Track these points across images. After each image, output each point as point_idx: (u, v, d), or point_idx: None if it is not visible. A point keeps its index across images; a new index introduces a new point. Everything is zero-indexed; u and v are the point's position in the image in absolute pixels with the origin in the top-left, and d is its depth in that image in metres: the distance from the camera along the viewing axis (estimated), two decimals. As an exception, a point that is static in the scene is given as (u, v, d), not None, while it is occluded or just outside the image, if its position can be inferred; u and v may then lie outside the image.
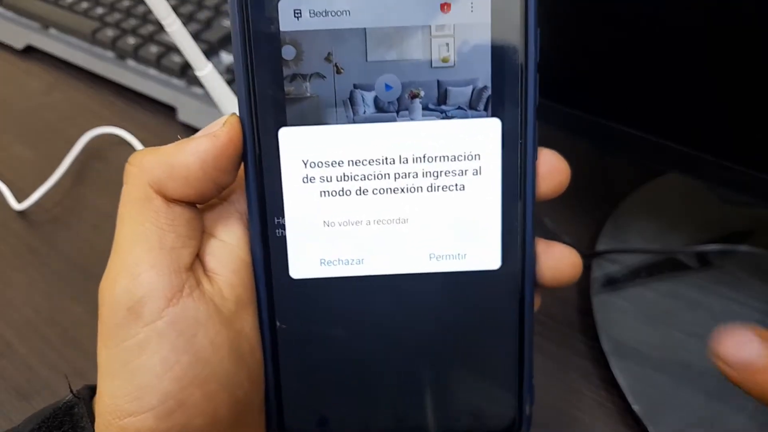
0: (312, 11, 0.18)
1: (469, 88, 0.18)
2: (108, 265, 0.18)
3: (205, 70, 0.30)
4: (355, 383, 0.20)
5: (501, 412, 0.20)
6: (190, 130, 0.48)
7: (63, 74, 0.55)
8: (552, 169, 0.20)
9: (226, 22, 0.53)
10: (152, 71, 0.51)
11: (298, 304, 0.19)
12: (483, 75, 0.18)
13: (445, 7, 0.18)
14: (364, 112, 0.19)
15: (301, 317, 0.20)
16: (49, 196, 0.44)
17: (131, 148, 0.46)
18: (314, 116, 0.19)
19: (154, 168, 0.18)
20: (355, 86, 0.18)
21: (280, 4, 0.18)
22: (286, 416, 0.20)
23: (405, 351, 0.20)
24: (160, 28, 0.52)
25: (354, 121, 0.19)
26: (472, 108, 0.19)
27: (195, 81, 0.48)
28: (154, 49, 0.51)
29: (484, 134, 0.19)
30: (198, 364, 0.17)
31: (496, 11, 0.18)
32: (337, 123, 0.19)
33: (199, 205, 0.20)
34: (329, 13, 0.18)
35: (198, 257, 0.19)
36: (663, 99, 0.30)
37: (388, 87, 0.18)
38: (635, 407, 0.30)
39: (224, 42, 0.51)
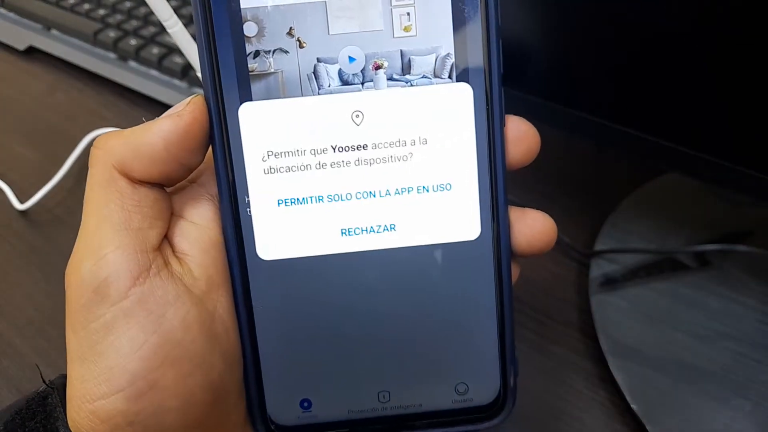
0: None
1: (433, 57, 0.18)
2: (74, 249, 0.18)
3: (206, 71, 0.31)
4: (336, 364, 0.20)
5: (485, 385, 0.20)
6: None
7: (65, 75, 0.55)
8: (521, 135, 0.20)
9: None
10: (154, 72, 0.51)
11: (272, 285, 0.19)
12: (445, 43, 0.18)
13: None
14: (329, 85, 0.19)
15: (277, 298, 0.19)
16: (51, 197, 0.44)
17: (133, 149, 0.47)
18: (279, 92, 0.18)
19: (119, 149, 0.18)
20: (319, 60, 0.18)
21: None
22: (267, 401, 0.20)
23: (385, 328, 0.20)
24: (162, 29, 0.52)
25: (319, 95, 0.19)
26: (436, 76, 0.19)
27: (196, 82, 0.49)
28: (155, 50, 0.51)
29: (452, 100, 0.19)
30: (168, 343, 0.17)
31: None
32: (302, 97, 0.19)
33: (169, 189, 0.20)
34: None
35: (167, 239, 0.19)
36: (662, 99, 0.30)
37: (351, 59, 0.18)
38: (634, 406, 0.30)
39: (225, 43, 0.52)
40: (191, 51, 0.30)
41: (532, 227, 0.20)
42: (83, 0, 0.57)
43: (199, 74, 0.31)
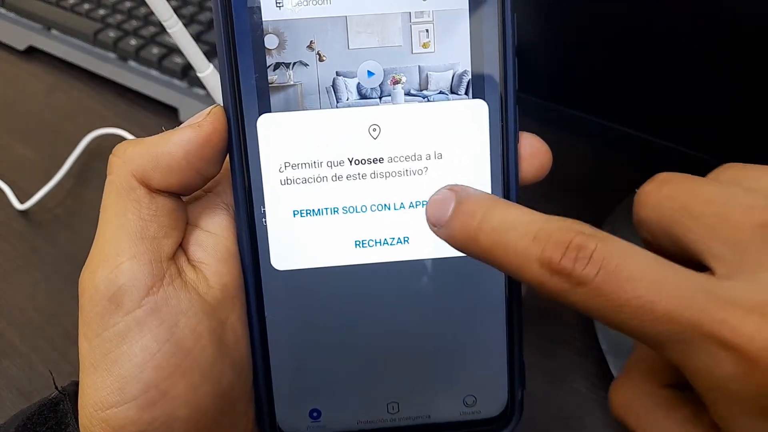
0: (294, 0, 0.18)
1: (450, 73, 0.19)
2: (89, 256, 0.18)
3: (207, 71, 0.31)
4: (346, 374, 0.20)
5: (493, 397, 0.20)
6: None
7: (65, 75, 0.55)
8: (534, 152, 0.20)
9: (227, 24, 0.53)
10: (154, 72, 0.51)
11: (285, 295, 0.19)
12: (463, 59, 0.19)
13: None
14: (347, 98, 0.19)
15: (289, 308, 0.20)
16: (51, 197, 0.44)
17: (133, 149, 0.47)
18: (298, 104, 0.19)
19: (138, 158, 0.18)
20: (338, 73, 0.19)
21: None
22: (277, 410, 0.20)
23: (395, 339, 0.20)
24: (162, 29, 0.52)
25: (337, 108, 0.19)
26: (453, 92, 0.19)
27: (197, 82, 0.49)
28: (155, 50, 0.51)
29: (467, 116, 0.19)
30: (180, 352, 0.17)
31: None
32: (320, 110, 0.19)
33: (185, 198, 0.20)
34: (311, 2, 0.18)
35: (182, 248, 0.19)
36: (662, 100, 0.30)
37: (370, 73, 0.19)
38: (634, 406, 0.30)
39: (225, 43, 0.52)
40: (191, 51, 0.30)
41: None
42: (83, 0, 0.57)
43: (199, 74, 0.31)
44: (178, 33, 0.29)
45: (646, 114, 0.31)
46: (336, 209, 0.19)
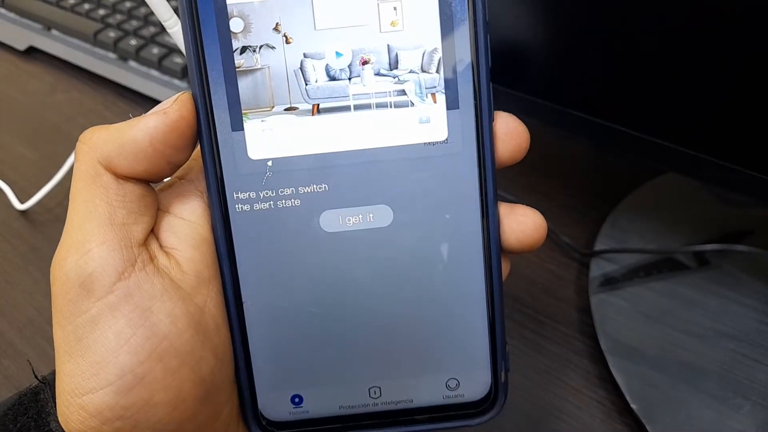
0: None
1: (420, 51, 0.18)
2: (59, 244, 0.18)
3: (207, 71, 0.31)
4: (326, 359, 0.20)
5: (476, 380, 0.20)
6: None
7: (65, 75, 0.55)
8: (510, 131, 0.19)
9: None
10: (154, 72, 0.51)
11: (262, 279, 0.19)
12: (432, 37, 0.18)
13: None
14: (316, 80, 0.19)
15: (266, 293, 0.19)
16: (51, 196, 0.44)
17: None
18: (266, 88, 0.18)
19: (104, 144, 0.18)
20: (306, 55, 0.18)
21: None
22: (259, 397, 0.20)
23: (375, 323, 0.20)
24: (162, 29, 0.52)
25: (307, 92, 0.19)
26: (423, 71, 0.19)
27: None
28: (155, 50, 0.51)
29: (437, 109, 0.19)
30: (155, 337, 0.17)
31: None
32: (289, 93, 0.19)
33: (159, 186, 0.20)
34: None
35: (154, 234, 0.19)
36: (662, 99, 0.30)
37: (338, 54, 0.18)
38: (633, 406, 0.30)
39: (225, 43, 0.52)
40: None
41: (521, 223, 0.20)
42: (83, 0, 0.57)
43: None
44: (178, 33, 0.29)
45: (647, 114, 0.31)
46: (310, 191, 0.19)
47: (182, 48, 0.29)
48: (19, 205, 0.43)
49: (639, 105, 0.31)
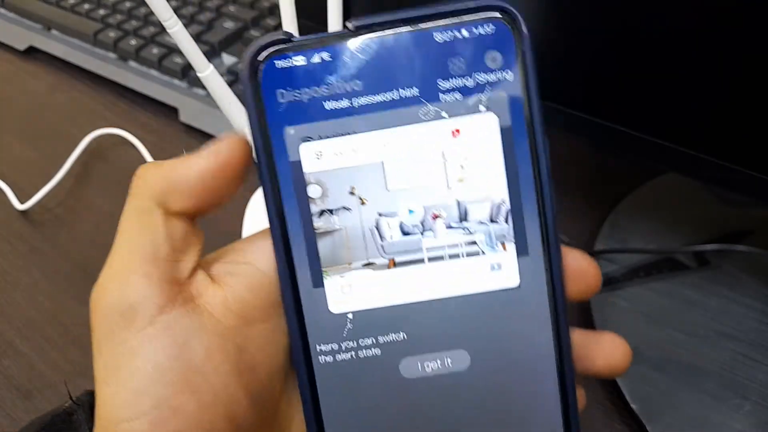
0: (332, 151, 0.19)
1: (488, 204, 0.19)
2: (101, 274, 0.18)
3: (207, 71, 0.31)
4: None
5: None
6: (192, 131, 0.48)
7: (65, 75, 0.55)
8: (580, 272, 0.20)
9: (228, 24, 0.53)
10: (154, 72, 0.51)
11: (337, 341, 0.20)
12: (499, 190, 0.19)
13: (455, 132, 0.19)
14: (391, 237, 0.20)
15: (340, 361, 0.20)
16: (51, 197, 0.44)
17: (133, 149, 0.47)
18: (343, 246, 0.20)
19: (157, 181, 0.18)
20: (380, 214, 0.19)
21: (301, 149, 0.19)
22: None
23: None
24: (162, 29, 0.52)
25: (383, 247, 0.20)
26: (492, 221, 0.19)
27: (197, 82, 0.49)
28: (155, 50, 0.51)
29: (508, 257, 0.20)
30: (190, 371, 0.17)
31: (505, 129, 0.19)
32: (366, 250, 0.20)
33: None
34: (349, 151, 0.19)
35: (205, 269, 0.19)
36: (662, 99, 0.30)
37: (411, 211, 0.19)
38: (634, 406, 0.30)
39: (225, 43, 0.52)
40: (191, 51, 0.30)
41: (611, 350, 0.20)
42: (83, 0, 0.57)
43: (199, 74, 0.31)
44: (179, 33, 0.29)
45: (647, 114, 0.31)
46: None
47: (182, 48, 0.30)
48: (19, 205, 0.43)
49: (639, 105, 0.31)
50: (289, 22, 0.32)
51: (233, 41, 0.52)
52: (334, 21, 0.33)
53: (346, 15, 0.34)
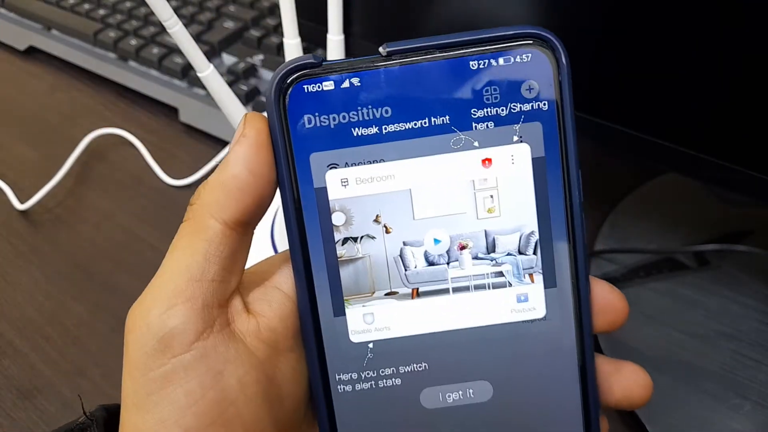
0: (358, 179, 0.19)
1: (517, 235, 0.19)
2: (144, 292, 0.18)
3: (207, 71, 0.31)
4: None
5: None
6: (192, 131, 0.48)
7: (65, 75, 0.55)
8: (607, 305, 0.19)
9: (228, 24, 0.53)
10: (154, 72, 0.51)
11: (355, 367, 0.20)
12: (529, 221, 0.19)
13: (486, 162, 0.19)
14: (415, 266, 0.19)
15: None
16: (51, 196, 0.44)
17: (133, 149, 0.47)
18: (366, 275, 0.19)
19: (212, 194, 0.18)
20: (405, 243, 0.19)
21: (327, 175, 0.18)
22: None
23: None
24: (162, 29, 0.52)
25: (407, 277, 0.19)
26: (521, 253, 0.19)
27: (197, 82, 0.49)
28: (155, 50, 0.51)
29: (535, 288, 0.19)
30: (224, 402, 0.17)
31: (537, 161, 0.19)
32: (389, 279, 0.19)
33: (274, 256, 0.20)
34: (375, 178, 0.19)
35: (242, 296, 0.19)
36: (662, 99, 0.30)
37: (436, 241, 0.19)
38: (633, 406, 0.30)
39: (225, 43, 0.52)
40: (191, 51, 0.30)
41: (630, 382, 0.20)
42: (83, 0, 0.57)
43: (199, 74, 0.31)
44: (179, 33, 0.29)
45: (647, 114, 0.31)
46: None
47: (182, 48, 0.30)
48: (19, 205, 0.43)
49: (639, 105, 0.31)
50: (289, 22, 0.32)
51: (233, 41, 0.52)
52: (334, 21, 0.33)
53: (346, 15, 0.33)
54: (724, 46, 0.27)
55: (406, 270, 0.19)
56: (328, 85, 0.18)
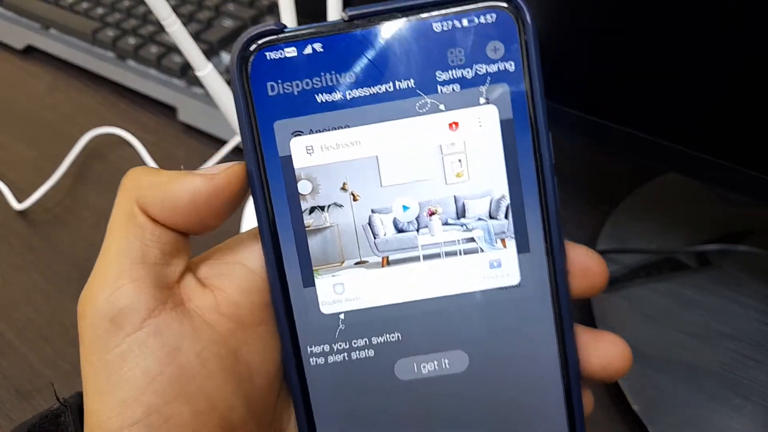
0: (323, 146, 0.18)
1: (487, 200, 0.19)
2: (89, 278, 0.18)
3: (206, 70, 0.31)
4: None
5: None
6: (191, 131, 0.48)
7: (63, 74, 0.55)
8: (585, 269, 0.19)
9: (226, 23, 0.53)
10: (152, 71, 0.51)
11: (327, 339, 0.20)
12: (499, 185, 0.19)
13: (453, 125, 0.18)
14: (384, 234, 0.19)
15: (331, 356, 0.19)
16: (49, 196, 0.44)
17: (131, 148, 0.47)
18: (335, 244, 0.19)
19: (146, 188, 0.18)
20: (373, 211, 0.19)
21: (291, 143, 0.18)
22: None
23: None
24: (161, 28, 0.52)
25: (376, 245, 0.19)
26: (492, 218, 0.19)
27: (195, 81, 0.48)
28: (154, 49, 0.51)
29: (508, 254, 0.19)
30: (183, 378, 0.17)
31: (505, 123, 0.18)
32: (358, 248, 0.19)
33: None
34: (341, 145, 0.18)
35: (195, 275, 0.19)
36: (662, 99, 0.30)
37: (405, 208, 0.19)
38: (635, 407, 0.30)
39: (224, 42, 0.52)
40: (190, 50, 0.30)
41: (608, 351, 0.19)
42: (82, -1, 0.57)
43: (197, 73, 0.31)
44: (177, 32, 0.29)
45: (647, 114, 0.31)
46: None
47: (181, 47, 0.29)
48: (17, 205, 0.43)
49: (639, 104, 0.31)
50: (289, 21, 0.31)
51: (232, 40, 0.52)
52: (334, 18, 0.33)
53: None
54: (724, 45, 0.26)
55: (375, 238, 0.19)
56: (291, 52, 0.18)
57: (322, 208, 0.19)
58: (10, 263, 0.40)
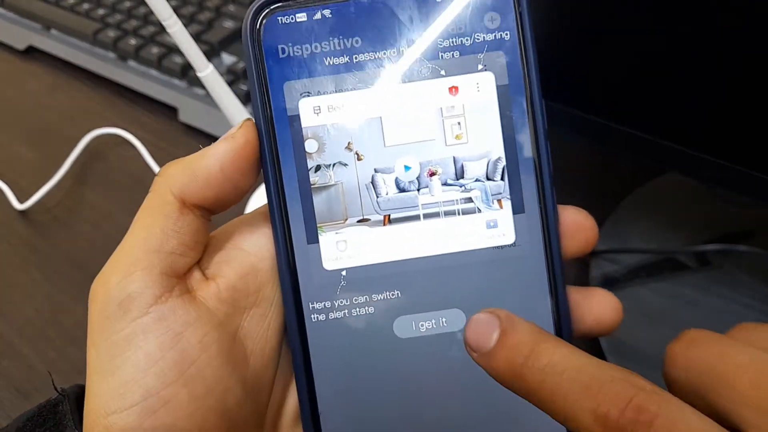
0: (330, 106, 0.19)
1: (485, 161, 0.20)
2: (106, 264, 0.18)
3: (206, 70, 0.31)
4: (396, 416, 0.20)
5: None
6: (192, 131, 0.48)
7: (64, 75, 0.55)
8: (577, 227, 0.20)
9: (227, 23, 0.53)
10: (153, 72, 0.51)
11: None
12: (496, 147, 0.20)
13: (453, 90, 0.19)
14: (386, 193, 0.20)
15: (342, 399, 0.20)
16: (50, 196, 0.44)
17: (132, 149, 0.47)
18: (339, 202, 0.20)
19: (178, 175, 0.19)
20: (376, 170, 0.20)
21: (300, 103, 0.19)
22: None
23: (452, 424, 0.20)
24: (162, 29, 0.52)
25: (378, 203, 0.20)
26: (489, 179, 0.20)
27: (196, 82, 0.49)
28: (155, 50, 0.51)
29: (504, 214, 0.20)
30: (184, 362, 0.17)
31: (501, 88, 0.19)
32: (361, 206, 0.20)
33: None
34: (346, 106, 0.19)
35: (200, 267, 0.19)
36: (663, 99, 0.30)
37: (407, 168, 0.20)
38: (634, 406, 0.30)
39: (225, 43, 0.52)
40: (191, 50, 0.30)
41: (599, 304, 0.20)
42: (83, 0, 0.57)
43: (198, 74, 0.31)
44: (178, 33, 0.29)
45: (647, 114, 0.31)
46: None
47: (182, 47, 0.29)
48: (18, 205, 0.43)
49: (639, 104, 0.31)
50: None
51: (233, 41, 0.52)
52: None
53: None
54: (724, 45, 0.27)
55: (377, 197, 0.20)
56: (301, 17, 0.19)
57: (327, 167, 0.20)
58: (11, 263, 0.40)
